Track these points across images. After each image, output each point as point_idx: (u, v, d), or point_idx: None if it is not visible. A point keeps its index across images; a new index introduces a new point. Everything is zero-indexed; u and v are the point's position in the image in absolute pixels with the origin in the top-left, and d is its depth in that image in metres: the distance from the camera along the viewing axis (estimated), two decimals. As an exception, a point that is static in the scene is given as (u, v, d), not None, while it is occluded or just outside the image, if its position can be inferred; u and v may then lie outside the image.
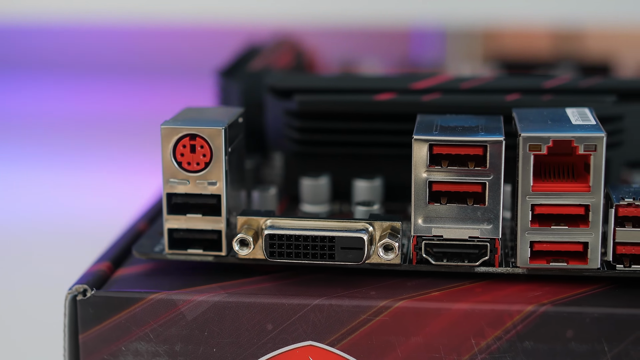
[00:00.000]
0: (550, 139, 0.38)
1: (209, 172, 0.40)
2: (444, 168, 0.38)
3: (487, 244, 0.39)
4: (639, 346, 0.37)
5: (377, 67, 0.70)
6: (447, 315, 0.38)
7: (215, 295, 0.39)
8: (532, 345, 0.37)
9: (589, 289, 0.39)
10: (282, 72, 0.53)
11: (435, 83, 0.45)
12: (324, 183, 0.45)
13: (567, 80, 0.45)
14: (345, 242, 0.38)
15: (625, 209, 0.38)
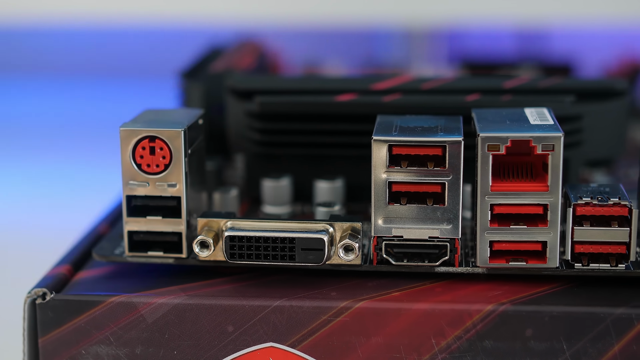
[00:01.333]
0: (509, 139, 0.38)
1: (169, 174, 0.40)
2: (403, 168, 0.38)
3: (447, 244, 0.39)
4: (597, 344, 0.37)
5: (340, 68, 0.71)
6: (407, 316, 0.38)
7: (175, 297, 0.39)
8: (491, 344, 0.37)
9: (548, 288, 0.39)
10: (243, 74, 0.53)
11: (396, 84, 0.45)
12: (285, 184, 0.45)
13: (526, 80, 0.46)
14: (306, 243, 0.38)
15: (583, 208, 0.38)
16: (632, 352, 0.37)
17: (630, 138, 0.49)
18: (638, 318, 0.37)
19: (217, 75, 0.50)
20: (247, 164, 0.47)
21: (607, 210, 0.38)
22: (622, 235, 0.38)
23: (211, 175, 0.46)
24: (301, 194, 0.46)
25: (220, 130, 0.49)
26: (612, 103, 0.46)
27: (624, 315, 0.37)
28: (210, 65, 0.54)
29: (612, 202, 0.38)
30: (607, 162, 0.49)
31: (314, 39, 0.93)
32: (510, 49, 0.91)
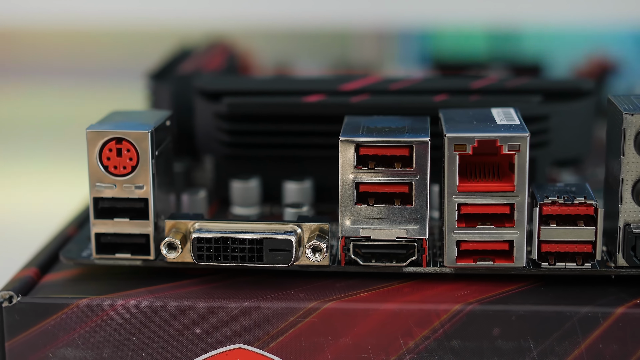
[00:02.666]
0: (475, 139, 0.38)
1: (136, 176, 0.39)
2: (370, 169, 0.38)
3: (415, 244, 0.39)
4: (563, 342, 0.37)
5: (311, 69, 0.71)
6: (375, 316, 0.38)
7: (143, 299, 0.38)
8: (459, 343, 0.38)
9: (515, 287, 0.39)
10: (212, 75, 0.53)
11: (364, 84, 0.45)
12: (254, 185, 0.45)
13: (494, 80, 0.46)
14: (273, 244, 0.38)
15: (549, 207, 0.38)
16: (599, 351, 0.37)
17: (597, 137, 0.49)
18: (604, 316, 0.37)
19: (186, 77, 0.50)
20: (216, 166, 0.47)
21: (573, 210, 0.38)
22: (588, 234, 0.38)
23: (179, 177, 0.46)
24: (270, 195, 0.46)
25: (189, 132, 0.49)
26: (579, 103, 0.46)
27: (590, 313, 0.37)
28: (179, 66, 0.54)
29: (578, 201, 0.38)
30: (575, 162, 0.49)
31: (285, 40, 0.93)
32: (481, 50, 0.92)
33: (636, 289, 0.38)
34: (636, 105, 0.38)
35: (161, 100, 0.51)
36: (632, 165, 0.38)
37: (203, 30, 0.70)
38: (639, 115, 0.37)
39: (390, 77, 0.47)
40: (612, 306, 0.37)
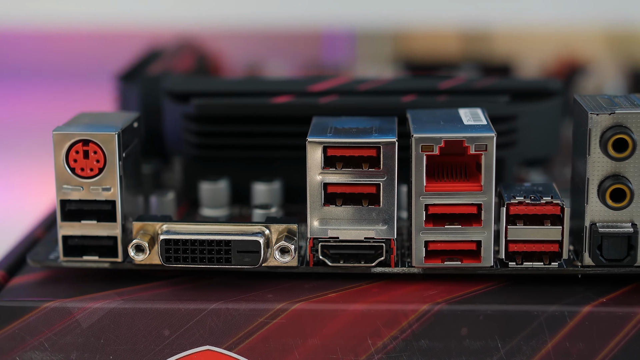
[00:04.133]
0: (442, 139, 0.38)
1: (103, 178, 0.39)
2: (338, 170, 0.38)
3: (383, 245, 0.39)
4: (530, 342, 0.37)
5: (283, 70, 0.71)
6: (343, 316, 0.38)
7: (111, 302, 0.38)
8: (427, 343, 0.38)
9: (482, 287, 0.39)
10: (180, 76, 0.53)
11: (333, 85, 0.45)
12: (222, 187, 0.45)
13: (462, 81, 0.46)
14: (242, 245, 0.38)
15: (516, 207, 0.38)
16: (565, 349, 0.37)
17: (566, 137, 0.49)
18: (571, 315, 0.37)
19: (155, 78, 0.50)
20: (185, 167, 0.47)
21: (539, 209, 0.38)
22: (555, 234, 0.38)
23: (148, 179, 0.46)
24: (239, 196, 0.46)
25: (158, 133, 0.48)
26: (546, 103, 0.46)
27: (556, 312, 0.37)
28: (147, 68, 0.54)
29: (544, 201, 0.38)
30: (543, 161, 0.49)
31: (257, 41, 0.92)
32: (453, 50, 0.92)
33: (602, 288, 0.39)
34: (601, 105, 0.39)
35: (130, 102, 0.50)
36: (598, 165, 0.38)
37: (173, 32, 0.70)
38: (605, 115, 0.38)
39: (358, 78, 0.47)
40: (579, 305, 0.38)
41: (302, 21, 0.87)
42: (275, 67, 0.71)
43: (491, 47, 0.91)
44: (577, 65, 0.66)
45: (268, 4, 0.86)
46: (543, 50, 0.76)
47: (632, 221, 0.38)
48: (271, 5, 0.86)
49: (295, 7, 0.87)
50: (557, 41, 0.82)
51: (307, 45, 0.98)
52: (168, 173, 0.50)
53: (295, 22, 0.87)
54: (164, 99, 0.47)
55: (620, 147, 0.38)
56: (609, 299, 0.38)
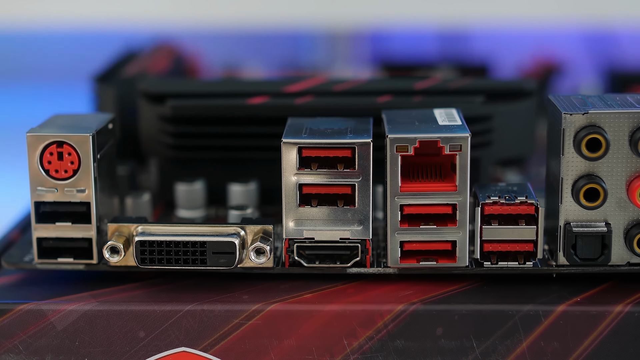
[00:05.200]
0: (417, 139, 0.38)
1: (78, 180, 0.39)
2: (313, 171, 0.38)
3: (358, 245, 0.39)
4: (505, 341, 0.37)
5: (260, 71, 0.71)
6: (319, 317, 0.38)
7: (85, 304, 0.38)
8: (403, 343, 0.38)
9: (458, 287, 0.39)
10: (156, 77, 0.53)
11: (308, 86, 0.45)
12: (198, 188, 0.45)
13: (437, 81, 0.46)
14: (217, 246, 0.38)
15: (490, 207, 0.39)
16: (540, 348, 0.37)
17: (542, 137, 0.49)
18: (545, 314, 0.37)
19: (130, 79, 0.50)
20: (161, 168, 0.47)
21: (514, 209, 0.39)
22: (529, 234, 0.39)
23: (124, 180, 0.46)
24: (215, 198, 0.46)
25: (134, 135, 0.48)
26: (522, 103, 0.46)
27: (531, 312, 0.37)
28: (123, 69, 0.54)
29: (519, 201, 0.39)
30: (519, 161, 0.50)
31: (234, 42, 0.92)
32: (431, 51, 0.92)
33: (577, 287, 0.39)
34: (575, 105, 0.39)
35: (106, 103, 0.50)
36: (572, 164, 0.38)
37: (149, 33, 0.70)
38: (578, 115, 0.38)
39: (334, 79, 0.47)
40: (553, 304, 0.38)
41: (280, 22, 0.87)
42: (253, 67, 0.71)
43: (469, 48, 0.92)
44: (553, 65, 0.67)
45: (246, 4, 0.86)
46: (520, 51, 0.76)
47: (606, 220, 0.39)
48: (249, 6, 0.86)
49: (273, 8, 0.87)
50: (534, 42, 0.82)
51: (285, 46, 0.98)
52: (144, 174, 0.49)
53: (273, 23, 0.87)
54: (140, 100, 0.46)
55: (594, 146, 0.38)
56: (583, 298, 0.38)
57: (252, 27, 0.87)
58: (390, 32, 0.98)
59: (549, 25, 0.86)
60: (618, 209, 0.38)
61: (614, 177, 0.38)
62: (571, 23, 0.85)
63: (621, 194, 0.38)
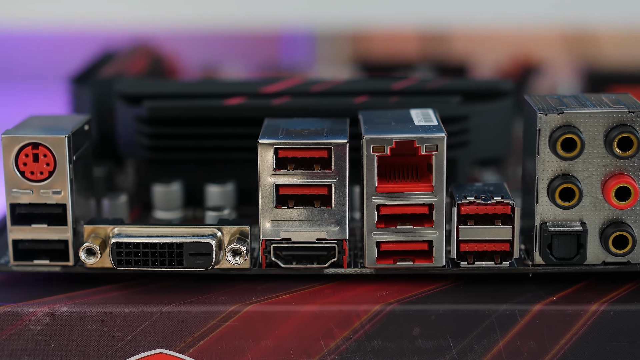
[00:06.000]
0: (393, 140, 0.38)
1: (53, 181, 0.39)
2: (289, 171, 0.38)
3: (335, 246, 0.39)
4: (482, 340, 0.38)
5: (240, 72, 0.70)
6: (296, 318, 0.38)
7: (61, 306, 0.38)
8: (380, 344, 0.38)
9: (435, 287, 0.39)
10: (133, 78, 0.52)
11: (286, 87, 0.45)
12: (175, 189, 0.45)
13: (415, 81, 0.46)
14: (193, 248, 0.38)
15: (467, 207, 0.39)
16: (516, 348, 0.38)
17: (519, 137, 0.49)
18: (521, 314, 0.38)
19: (108, 80, 0.50)
20: (138, 169, 0.46)
21: (490, 209, 0.39)
22: (506, 233, 0.39)
23: (101, 182, 0.46)
24: (193, 199, 0.45)
25: (111, 136, 0.48)
26: (498, 103, 0.46)
27: (508, 311, 0.38)
28: (100, 70, 0.54)
29: (495, 200, 0.39)
30: (496, 161, 0.50)
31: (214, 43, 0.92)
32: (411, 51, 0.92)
33: (553, 286, 0.39)
34: (550, 105, 0.39)
35: (83, 105, 0.50)
36: (547, 164, 0.38)
37: (128, 34, 0.70)
38: (553, 115, 0.38)
39: (312, 79, 0.47)
40: (530, 303, 0.38)
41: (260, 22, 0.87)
42: (232, 68, 0.71)
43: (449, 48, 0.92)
44: (531, 65, 0.67)
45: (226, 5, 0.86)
46: (498, 51, 0.76)
47: (582, 220, 0.39)
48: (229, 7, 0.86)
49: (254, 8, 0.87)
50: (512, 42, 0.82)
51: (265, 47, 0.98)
52: (121, 176, 0.49)
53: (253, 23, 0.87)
54: (117, 101, 0.46)
55: (569, 146, 0.38)
56: (559, 297, 0.38)
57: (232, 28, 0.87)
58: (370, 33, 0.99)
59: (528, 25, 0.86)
60: (593, 208, 0.39)
61: (589, 177, 0.38)
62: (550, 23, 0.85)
63: (596, 194, 0.38)
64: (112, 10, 0.82)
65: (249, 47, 0.97)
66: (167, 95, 0.45)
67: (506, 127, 0.47)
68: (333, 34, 0.97)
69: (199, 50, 0.83)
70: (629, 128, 0.38)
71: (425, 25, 0.91)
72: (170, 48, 0.69)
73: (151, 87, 0.46)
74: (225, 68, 0.71)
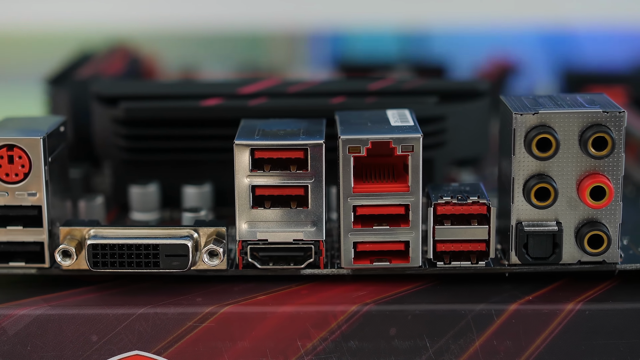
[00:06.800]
0: (369, 140, 0.38)
1: (29, 183, 0.39)
2: (266, 172, 0.38)
3: (312, 246, 0.39)
4: (459, 340, 0.38)
5: (218, 73, 0.70)
6: (272, 319, 0.38)
7: (37, 308, 0.38)
8: (356, 344, 0.38)
9: (411, 287, 0.39)
10: (109, 80, 0.52)
11: (263, 87, 0.45)
12: (152, 190, 0.45)
13: (391, 82, 0.46)
14: (170, 249, 0.38)
15: (443, 207, 0.39)
16: (493, 347, 0.38)
17: (496, 137, 0.50)
18: (497, 313, 0.38)
19: (84, 82, 0.50)
20: (115, 171, 0.46)
21: (466, 209, 0.39)
22: (482, 233, 0.39)
23: (77, 183, 0.45)
24: (170, 200, 0.45)
25: (88, 137, 0.48)
26: (475, 103, 0.46)
27: (484, 311, 0.38)
28: (77, 71, 0.53)
29: (471, 201, 0.39)
30: (474, 161, 0.50)
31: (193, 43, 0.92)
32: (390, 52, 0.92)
33: (529, 286, 0.39)
34: (526, 105, 0.39)
35: (59, 106, 0.50)
36: (523, 164, 0.38)
37: (105, 35, 0.69)
38: (528, 115, 0.38)
39: (289, 80, 0.47)
40: (506, 303, 0.38)
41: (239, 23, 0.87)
42: (211, 69, 0.71)
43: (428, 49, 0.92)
44: (509, 66, 0.67)
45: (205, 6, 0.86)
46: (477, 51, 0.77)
47: (557, 219, 0.39)
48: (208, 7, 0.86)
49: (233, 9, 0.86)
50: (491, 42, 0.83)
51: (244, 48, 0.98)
52: (98, 177, 0.49)
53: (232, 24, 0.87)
54: (93, 103, 0.46)
55: (544, 146, 0.38)
56: (535, 296, 0.38)
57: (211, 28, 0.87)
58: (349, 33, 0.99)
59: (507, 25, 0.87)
60: (569, 208, 0.39)
61: (565, 177, 0.38)
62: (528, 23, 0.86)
63: (572, 193, 0.39)
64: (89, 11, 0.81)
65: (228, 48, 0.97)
66: (143, 96, 0.45)
67: (483, 127, 0.47)
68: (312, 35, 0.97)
69: (177, 51, 0.83)
70: (604, 128, 0.38)
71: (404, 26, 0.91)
72: (148, 49, 0.69)
73: (127, 88, 0.46)
74: (204, 69, 0.71)
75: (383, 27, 0.92)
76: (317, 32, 0.95)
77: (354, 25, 0.91)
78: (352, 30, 0.95)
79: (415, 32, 0.94)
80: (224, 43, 0.96)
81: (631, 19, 0.83)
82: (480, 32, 0.89)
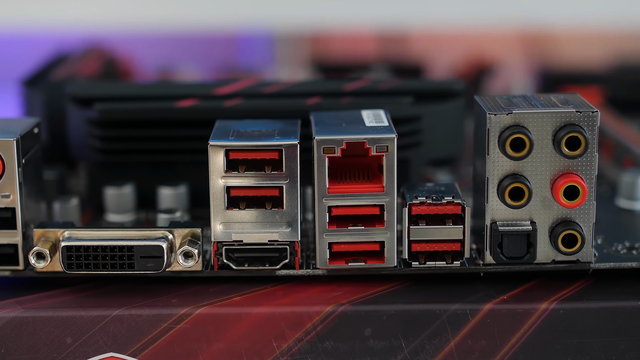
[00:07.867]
0: (344, 141, 0.38)
1: (2, 185, 0.39)
2: (240, 173, 0.38)
3: (287, 247, 0.39)
4: (434, 340, 0.38)
5: (196, 73, 0.70)
6: (247, 320, 0.38)
7: (11, 311, 0.38)
8: (332, 345, 0.38)
9: (386, 287, 0.39)
10: (84, 81, 0.52)
11: (238, 88, 0.45)
12: (128, 192, 0.44)
13: (367, 82, 0.46)
14: (144, 250, 0.38)
15: (418, 207, 0.39)
16: (468, 347, 0.38)
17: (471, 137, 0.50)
18: (472, 313, 0.38)
19: (59, 83, 0.49)
20: (90, 172, 0.46)
21: (441, 209, 0.39)
22: (457, 233, 0.39)
23: (52, 185, 0.45)
24: (145, 201, 0.45)
25: (63, 139, 0.48)
26: (450, 104, 0.47)
27: (459, 311, 0.38)
28: (52, 72, 0.53)
29: (446, 201, 0.39)
30: (449, 162, 0.50)
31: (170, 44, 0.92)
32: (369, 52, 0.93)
33: (504, 286, 0.39)
34: (500, 105, 0.39)
35: (34, 107, 0.50)
36: (497, 164, 0.39)
37: (81, 36, 0.69)
38: (502, 115, 0.38)
39: (265, 81, 0.47)
40: (480, 303, 0.38)
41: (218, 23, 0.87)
42: (188, 70, 0.71)
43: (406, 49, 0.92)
44: (485, 66, 0.67)
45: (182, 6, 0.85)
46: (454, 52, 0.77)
47: (531, 219, 0.39)
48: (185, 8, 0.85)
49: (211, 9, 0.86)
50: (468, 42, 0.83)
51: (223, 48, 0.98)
52: (73, 179, 0.49)
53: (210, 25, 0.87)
54: (68, 104, 0.46)
55: (518, 146, 0.38)
56: (509, 296, 0.39)
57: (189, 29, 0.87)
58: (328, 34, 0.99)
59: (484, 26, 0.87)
60: (543, 207, 0.39)
61: (539, 176, 0.39)
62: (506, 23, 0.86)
63: (545, 193, 0.39)
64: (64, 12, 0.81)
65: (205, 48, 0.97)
66: (118, 97, 0.45)
67: (458, 127, 0.47)
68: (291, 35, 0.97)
69: (154, 52, 0.82)
70: (577, 128, 0.38)
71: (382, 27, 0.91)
72: (124, 50, 0.69)
73: (102, 90, 0.46)
74: (182, 70, 0.71)
75: (361, 27, 0.92)
76: (296, 32, 0.95)
77: (332, 26, 0.91)
78: (331, 31, 0.95)
79: (393, 33, 0.94)
80: (201, 44, 0.96)
81: (606, 19, 0.84)
82: (458, 32, 0.89)
